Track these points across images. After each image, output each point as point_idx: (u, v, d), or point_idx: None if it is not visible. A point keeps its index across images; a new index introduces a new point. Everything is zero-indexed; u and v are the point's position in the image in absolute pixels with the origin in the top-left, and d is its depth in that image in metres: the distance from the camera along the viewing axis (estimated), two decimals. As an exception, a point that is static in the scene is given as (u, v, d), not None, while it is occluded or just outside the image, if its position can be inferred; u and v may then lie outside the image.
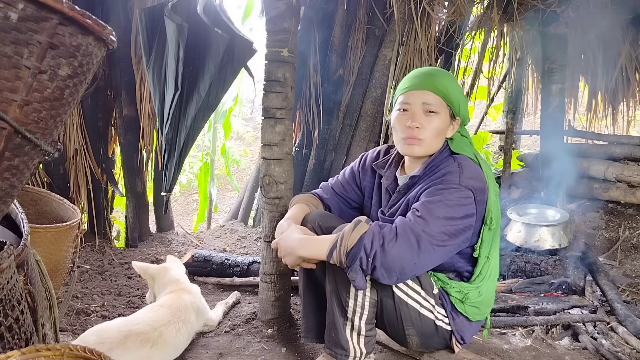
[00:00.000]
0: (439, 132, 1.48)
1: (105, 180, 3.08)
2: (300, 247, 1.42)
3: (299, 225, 1.57)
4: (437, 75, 1.50)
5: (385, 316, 1.46)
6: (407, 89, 1.50)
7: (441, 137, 1.49)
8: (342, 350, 1.43)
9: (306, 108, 3.27)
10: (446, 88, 1.46)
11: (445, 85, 1.47)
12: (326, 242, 1.36)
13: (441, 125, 1.47)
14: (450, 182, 1.38)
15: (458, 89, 1.51)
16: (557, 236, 2.65)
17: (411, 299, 1.44)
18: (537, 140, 4.14)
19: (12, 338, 0.88)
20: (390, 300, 1.43)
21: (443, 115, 1.47)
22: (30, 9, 0.78)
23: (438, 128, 1.47)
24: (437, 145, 1.50)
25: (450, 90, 1.47)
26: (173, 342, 1.63)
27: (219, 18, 2.48)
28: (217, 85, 2.45)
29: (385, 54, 3.04)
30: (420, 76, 1.51)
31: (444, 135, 1.50)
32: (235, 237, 3.40)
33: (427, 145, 1.48)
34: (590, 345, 1.86)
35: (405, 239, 1.29)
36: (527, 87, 4.02)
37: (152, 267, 1.98)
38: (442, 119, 1.47)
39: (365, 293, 1.41)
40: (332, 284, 1.44)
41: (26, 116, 0.84)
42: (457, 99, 1.48)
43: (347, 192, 1.74)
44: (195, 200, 6.79)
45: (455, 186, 1.37)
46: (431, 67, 1.60)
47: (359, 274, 1.31)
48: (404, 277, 1.35)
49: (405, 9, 2.89)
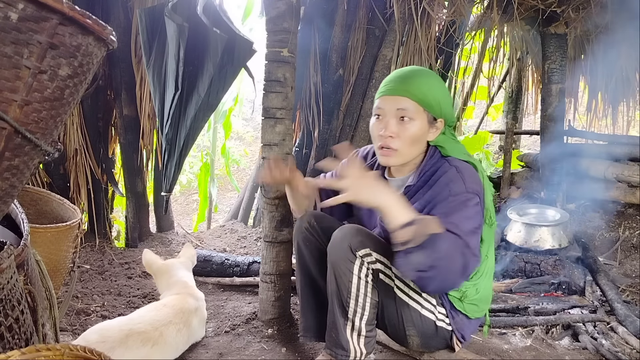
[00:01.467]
0: (414, 140, 1.41)
1: (105, 180, 3.08)
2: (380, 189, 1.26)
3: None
4: (413, 77, 1.42)
5: (386, 317, 1.47)
6: (382, 94, 1.44)
7: (419, 144, 1.43)
8: (342, 351, 1.43)
9: (306, 108, 3.27)
10: (422, 92, 1.39)
11: (421, 89, 1.39)
12: (408, 209, 1.25)
13: (417, 132, 1.40)
14: (457, 192, 1.33)
15: (438, 89, 1.43)
16: (557, 236, 2.65)
17: (412, 300, 1.44)
18: (537, 140, 4.14)
19: (12, 338, 0.88)
20: (391, 301, 1.44)
21: (419, 122, 1.40)
22: (30, 9, 0.78)
23: (413, 136, 1.40)
24: (416, 152, 1.44)
25: (428, 93, 1.39)
26: (173, 342, 1.63)
27: (219, 18, 2.48)
28: (217, 85, 2.45)
29: (385, 54, 3.04)
30: (395, 80, 1.43)
31: (422, 141, 1.44)
32: (235, 237, 3.41)
33: (403, 155, 1.42)
34: (590, 345, 1.86)
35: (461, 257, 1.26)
36: (527, 87, 4.02)
37: (157, 265, 1.93)
38: (418, 126, 1.40)
39: (367, 294, 1.40)
40: (333, 285, 1.43)
41: (26, 116, 0.84)
42: (436, 101, 1.41)
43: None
44: (195, 200, 6.79)
45: (464, 194, 1.32)
46: (410, 69, 1.49)
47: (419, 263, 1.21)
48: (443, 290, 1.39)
49: (405, 9, 2.89)
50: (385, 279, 1.42)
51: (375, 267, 1.40)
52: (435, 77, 1.47)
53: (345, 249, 1.38)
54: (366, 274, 1.40)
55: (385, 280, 1.42)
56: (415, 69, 1.50)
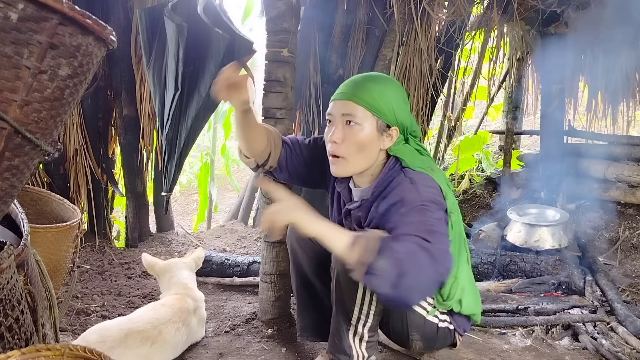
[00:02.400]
0: (360, 147, 1.33)
1: (105, 180, 3.08)
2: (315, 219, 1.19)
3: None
4: (365, 82, 1.36)
5: (390, 322, 1.46)
6: (332, 99, 1.39)
7: (366, 151, 1.34)
8: (345, 356, 1.43)
9: (306, 108, 3.27)
10: (372, 97, 1.32)
11: (371, 94, 1.33)
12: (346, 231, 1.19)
13: (363, 138, 1.32)
14: (412, 201, 1.23)
15: (392, 96, 1.35)
16: (557, 236, 2.65)
17: (418, 305, 1.44)
18: (537, 140, 4.14)
19: (12, 338, 0.88)
20: (397, 308, 1.43)
21: (367, 127, 1.32)
22: (30, 9, 0.78)
23: (359, 142, 1.32)
24: (366, 161, 1.36)
25: (379, 99, 1.32)
26: (172, 341, 1.63)
27: (219, 18, 2.48)
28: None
29: (385, 54, 3.04)
30: (346, 85, 1.39)
31: (370, 149, 1.35)
32: (235, 237, 3.41)
33: (352, 163, 1.35)
34: (590, 345, 1.86)
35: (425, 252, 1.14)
36: (527, 87, 4.02)
37: (158, 265, 1.93)
38: (365, 132, 1.32)
39: (372, 302, 1.39)
40: (337, 292, 1.42)
41: (26, 116, 0.84)
42: (388, 107, 1.33)
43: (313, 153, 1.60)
44: (195, 200, 6.79)
45: (420, 203, 1.22)
46: (367, 74, 1.43)
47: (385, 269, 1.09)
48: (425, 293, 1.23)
49: (405, 9, 2.89)
50: None
51: None
52: (392, 84, 1.40)
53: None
54: None
55: None
56: (372, 74, 1.44)
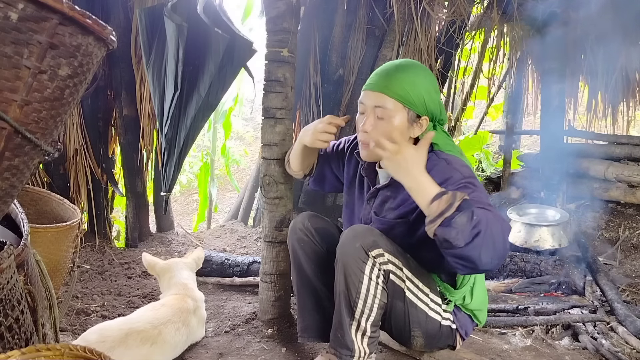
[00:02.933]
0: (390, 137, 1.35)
1: (105, 180, 3.08)
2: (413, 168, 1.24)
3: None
4: (397, 73, 1.39)
5: (393, 317, 1.46)
6: (365, 88, 1.44)
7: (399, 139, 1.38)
8: (347, 351, 1.43)
9: (306, 108, 3.27)
10: (404, 89, 1.37)
11: (403, 86, 1.37)
12: (436, 185, 1.23)
13: (394, 129, 1.38)
14: (457, 179, 1.31)
15: (423, 87, 1.40)
16: (557, 236, 2.65)
17: (421, 301, 1.44)
18: (537, 140, 4.14)
19: (12, 338, 0.88)
20: (400, 302, 1.43)
21: (397, 119, 1.38)
22: (30, 9, 0.78)
23: (389, 133, 1.37)
24: None
25: (410, 91, 1.37)
26: (172, 341, 1.63)
27: (219, 18, 2.48)
28: (217, 85, 2.45)
29: (385, 54, 3.04)
30: (378, 75, 1.43)
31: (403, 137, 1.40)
32: (235, 237, 3.41)
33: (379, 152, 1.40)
34: (590, 345, 1.86)
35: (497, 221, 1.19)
36: (527, 87, 4.02)
37: (159, 265, 1.93)
38: (395, 123, 1.38)
39: (376, 295, 1.39)
40: (341, 285, 1.41)
41: (26, 116, 0.84)
42: (419, 98, 1.38)
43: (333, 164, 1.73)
44: (195, 200, 6.79)
45: (464, 182, 1.31)
46: (398, 63, 1.46)
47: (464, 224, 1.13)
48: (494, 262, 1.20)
49: (405, 9, 2.89)
50: (397, 280, 1.40)
51: (387, 268, 1.38)
52: (423, 74, 1.43)
53: (358, 249, 1.36)
54: (377, 275, 1.38)
55: (396, 282, 1.40)
56: (403, 63, 1.46)
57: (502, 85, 4.12)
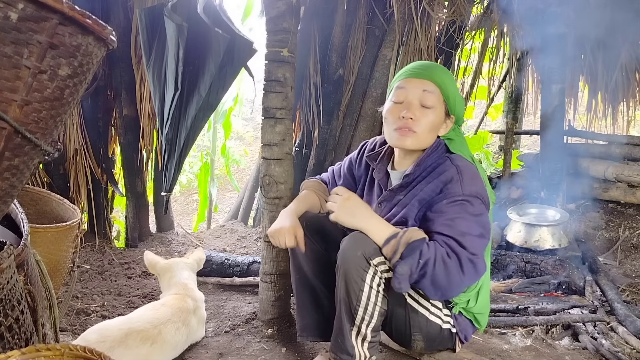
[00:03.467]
0: (433, 127, 1.43)
1: (105, 180, 3.08)
2: (364, 216, 1.36)
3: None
4: (436, 68, 1.48)
5: (394, 322, 1.46)
6: (406, 76, 1.46)
7: (434, 133, 1.45)
8: (347, 356, 1.43)
9: (306, 108, 3.27)
10: (445, 82, 1.43)
11: (443, 79, 1.44)
12: (389, 229, 1.33)
13: (436, 120, 1.42)
14: (454, 194, 1.34)
15: (455, 86, 1.49)
16: (557, 236, 2.65)
17: (421, 306, 1.45)
18: (537, 140, 4.14)
19: (12, 338, 0.88)
20: (401, 309, 1.43)
21: (439, 110, 1.43)
22: (30, 9, 0.78)
23: (433, 122, 1.42)
24: (429, 141, 1.46)
25: (448, 86, 1.44)
26: (172, 341, 1.63)
27: (219, 18, 2.48)
28: (217, 85, 2.45)
29: (385, 54, 3.04)
30: (420, 67, 1.47)
31: (436, 132, 1.46)
32: (235, 237, 3.41)
33: (420, 139, 1.43)
34: (590, 345, 1.86)
35: (452, 259, 1.28)
36: (527, 87, 4.02)
37: (159, 265, 1.92)
38: (437, 114, 1.43)
39: (377, 303, 1.39)
40: (342, 291, 1.41)
41: (26, 116, 0.84)
42: (453, 95, 1.45)
43: (344, 182, 1.72)
44: (195, 200, 6.79)
45: (461, 199, 1.33)
46: (431, 62, 1.59)
47: (407, 272, 1.26)
48: (449, 294, 1.35)
49: (405, 9, 2.89)
50: None
51: (388, 275, 1.37)
52: (452, 76, 1.54)
53: (359, 257, 1.35)
54: (378, 284, 1.38)
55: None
56: (435, 63, 1.58)
57: (502, 85, 4.12)
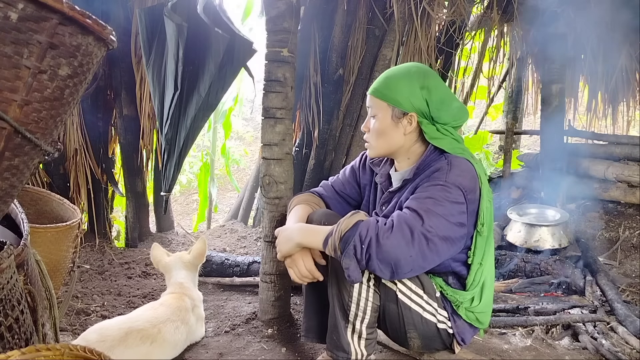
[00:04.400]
0: (379, 134, 1.49)
1: (105, 180, 3.08)
2: (298, 234, 1.41)
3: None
4: (386, 75, 1.51)
5: (387, 319, 1.46)
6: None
7: (388, 136, 1.48)
8: (343, 353, 1.43)
9: (306, 108, 3.27)
10: (388, 88, 1.46)
11: (387, 85, 1.47)
12: (324, 231, 1.36)
13: (379, 127, 1.48)
14: (437, 178, 1.36)
15: (407, 84, 1.45)
16: (557, 236, 2.65)
17: (414, 302, 1.44)
18: (537, 140, 4.14)
19: (12, 338, 0.88)
20: (393, 304, 1.43)
21: (381, 117, 1.48)
22: (30, 8, 0.78)
23: (378, 129, 1.49)
24: (387, 145, 1.49)
25: (394, 89, 1.45)
26: (172, 340, 1.63)
27: (219, 18, 2.48)
28: (217, 85, 2.45)
29: (385, 54, 3.04)
30: (375, 81, 1.54)
31: (391, 134, 1.47)
32: (235, 237, 3.41)
33: (374, 147, 1.52)
34: (590, 345, 1.85)
35: (400, 230, 1.26)
36: (527, 87, 4.02)
37: (162, 263, 1.93)
38: (381, 120, 1.48)
39: (368, 298, 1.40)
40: (334, 288, 1.43)
41: (26, 116, 0.84)
42: (402, 95, 1.44)
43: (347, 190, 1.73)
44: (195, 200, 6.79)
45: (442, 183, 1.34)
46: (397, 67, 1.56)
47: (352, 262, 1.27)
48: (401, 271, 1.28)
49: (405, 9, 2.89)
50: (388, 283, 1.41)
51: None
52: (412, 73, 1.48)
53: None
54: (368, 279, 1.39)
55: (387, 284, 1.41)
56: (401, 66, 1.55)
57: (502, 85, 4.12)
